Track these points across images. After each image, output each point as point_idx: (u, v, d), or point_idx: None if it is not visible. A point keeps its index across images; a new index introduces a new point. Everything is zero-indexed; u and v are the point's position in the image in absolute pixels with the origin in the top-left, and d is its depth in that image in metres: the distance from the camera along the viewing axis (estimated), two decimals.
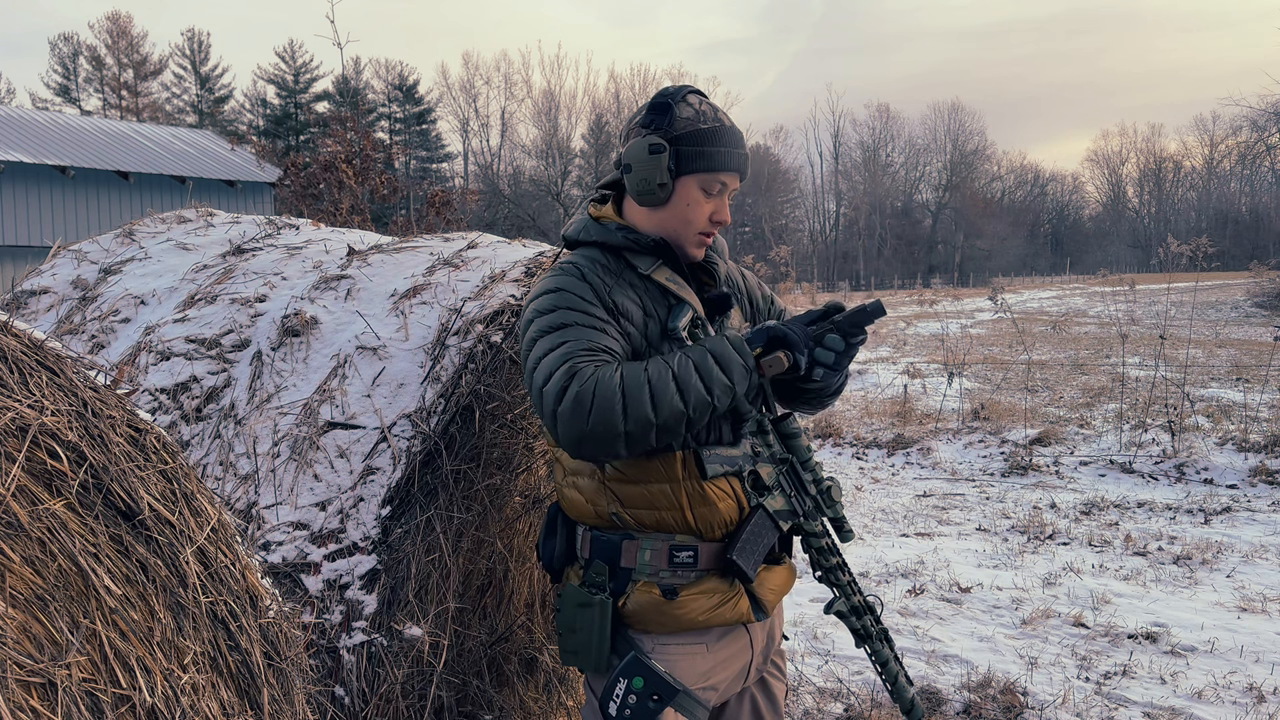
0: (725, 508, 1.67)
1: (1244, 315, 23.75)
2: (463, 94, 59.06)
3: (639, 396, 1.50)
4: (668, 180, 1.69)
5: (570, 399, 1.50)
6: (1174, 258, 9.36)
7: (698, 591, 1.66)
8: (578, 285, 1.67)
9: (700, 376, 1.54)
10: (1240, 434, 7.57)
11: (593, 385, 1.50)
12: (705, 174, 1.70)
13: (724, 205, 1.74)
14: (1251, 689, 3.45)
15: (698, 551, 1.66)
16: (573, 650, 1.70)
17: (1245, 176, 79.61)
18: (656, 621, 1.66)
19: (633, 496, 1.66)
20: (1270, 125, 40.25)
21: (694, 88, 1.76)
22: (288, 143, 49.62)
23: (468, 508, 2.33)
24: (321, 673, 2.05)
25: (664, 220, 1.73)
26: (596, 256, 1.74)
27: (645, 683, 1.63)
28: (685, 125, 1.69)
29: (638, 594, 1.66)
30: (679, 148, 1.69)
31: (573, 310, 1.64)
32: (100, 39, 52.18)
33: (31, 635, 1.22)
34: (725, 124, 1.71)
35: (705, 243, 1.76)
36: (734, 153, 1.71)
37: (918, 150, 76.35)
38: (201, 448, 2.50)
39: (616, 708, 1.63)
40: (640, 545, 1.66)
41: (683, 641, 1.68)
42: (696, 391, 1.53)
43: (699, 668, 1.69)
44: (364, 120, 14.29)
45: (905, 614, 4.28)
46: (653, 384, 1.52)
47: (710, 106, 1.73)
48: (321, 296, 2.78)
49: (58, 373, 1.33)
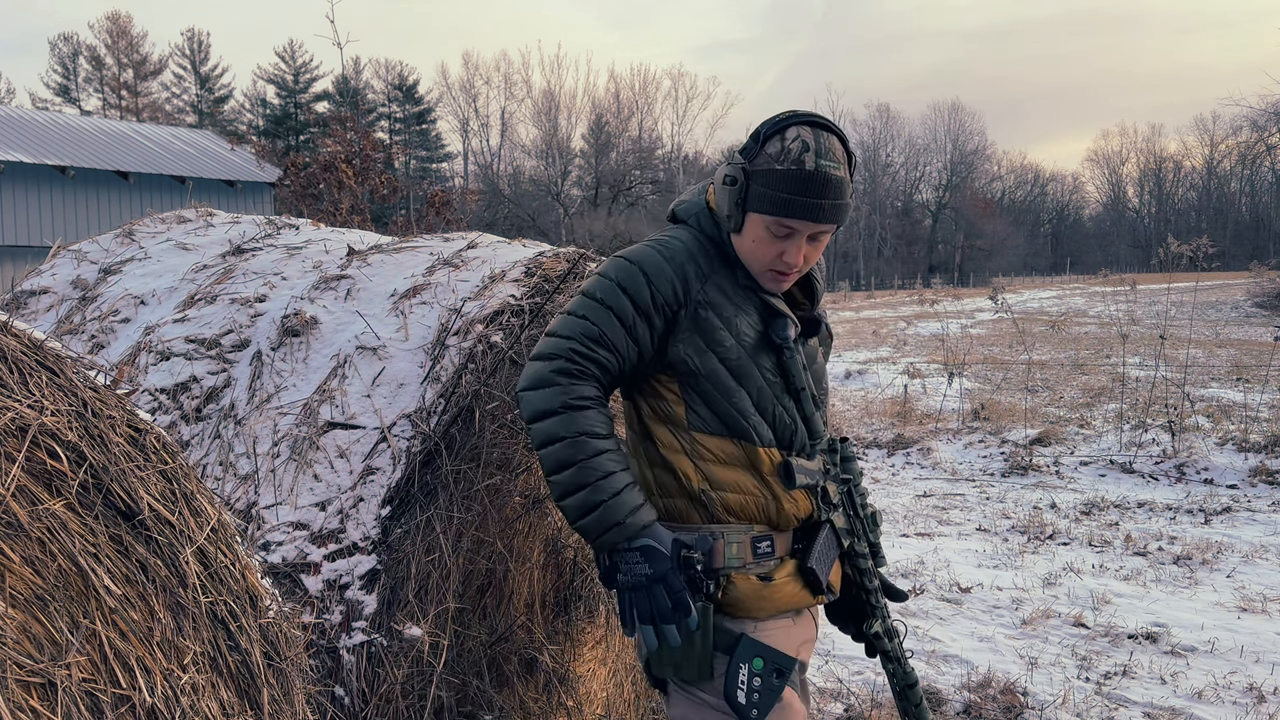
0: (801, 505, 1.76)
1: (1244, 315, 23.75)
2: (463, 94, 59.09)
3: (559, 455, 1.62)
4: (734, 213, 1.69)
5: (538, 375, 1.64)
6: (1174, 258, 9.36)
7: (787, 576, 1.74)
8: (659, 270, 1.69)
9: (591, 506, 1.61)
10: (1240, 434, 7.57)
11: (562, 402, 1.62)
12: (768, 216, 1.65)
13: (794, 249, 1.67)
14: (1251, 689, 3.45)
15: (774, 540, 1.74)
16: (674, 663, 1.68)
17: (1245, 176, 79.63)
18: (757, 606, 1.71)
19: (723, 478, 1.72)
20: (1270, 125, 40.27)
21: (803, 119, 1.66)
22: (288, 143, 49.63)
23: (468, 508, 2.33)
24: (321, 673, 2.05)
25: (739, 246, 1.73)
26: (704, 242, 1.76)
27: (765, 662, 1.67)
28: (764, 162, 1.65)
29: (737, 583, 1.70)
30: (751, 183, 1.66)
31: (624, 294, 1.68)
32: (100, 39, 52.24)
33: (31, 635, 1.22)
34: (807, 168, 1.61)
35: (777, 280, 1.72)
36: (805, 203, 1.62)
37: (918, 150, 76.39)
38: (201, 448, 2.50)
39: (745, 694, 1.65)
40: (725, 542, 1.71)
41: (778, 619, 1.75)
42: (576, 507, 1.62)
43: (794, 640, 1.76)
44: (364, 120, 14.29)
45: (905, 614, 4.28)
46: (577, 467, 1.61)
47: (802, 144, 1.62)
48: (321, 296, 2.78)
49: (58, 373, 1.33)
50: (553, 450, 1.62)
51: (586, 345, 1.65)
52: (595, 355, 1.65)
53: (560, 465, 1.62)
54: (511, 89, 61.10)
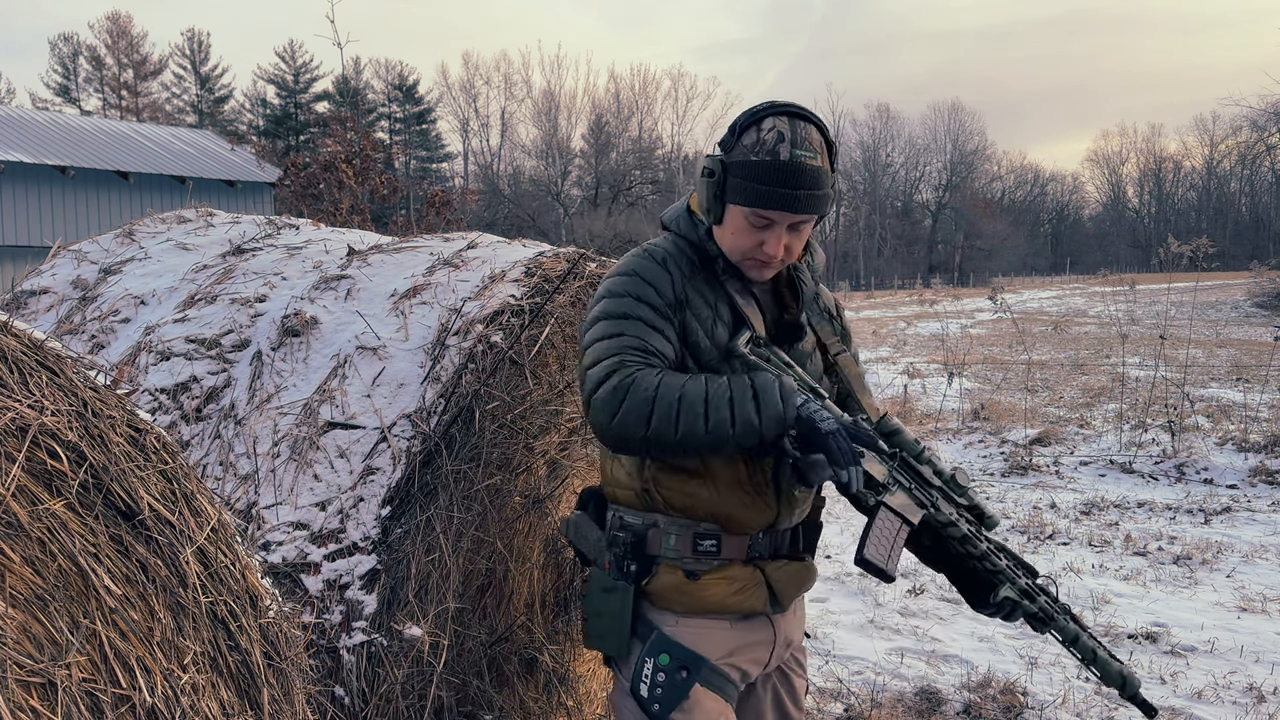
0: (757, 510, 1.72)
1: (1244, 315, 23.75)
2: (463, 94, 59.07)
3: (666, 411, 1.54)
4: (713, 206, 1.69)
5: (607, 390, 1.56)
6: (1174, 258, 9.36)
7: (719, 577, 1.71)
8: (655, 273, 1.70)
9: (733, 410, 1.55)
10: (1240, 434, 7.57)
11: (629, 384, 1.55)
12: (744, 207, 1.65)
13: (773, 240, 1.65)
14: (1251, 689, 3.45)
15: (720, 541, 1.71)
16: (598, 635, 1.74)
17: (1245, 176, 79.61)
18: (678, 600, 1.70)
19: (669, 478, 1.70)
20: (1270, 125, 40.26)
21: (779, 109, 1.65)
22: (288, 143, 49.62)
23: (468, 508, 2.33)
24: (321, 673, 2.05)
25: (720, 237, 1.73)
26: (683, 247, 1.76)
27: (672, 658, 1.67)
28: (740, 153, 1.64)
29: (662, 575, 1.71)
30: (728, 175, 1.66)
31: (640, 302, 1.67)
32: (100, 39, 52.21)
33: (31, 635, 1.22)
34: (782, 159, 1.60)
35: (759, 269, 1.71)
36: (779, 193, 1.61)
37: (918, 150, 76.38)
38: (201, 448, 2.50)
39: (647, 688, 1.67)
40: (664, 532, 1.70)
41: (705, 619, 1.72)
42: (720, 423, 1.54)
43: (723, 644, 1.73)
44: (364, 120, 14.30)
45: (905, 614, 4.28)
46: (682, 402, 1.54)
47: (777, 135, 1.61)
48: (321, 296, 2.78)
49: (58, 373, 1.33)
50: (643, 415, 1.53)
51: (634, 354, 1.61)
52: (649, 360, 1.62)
53: (664, 420, 1.53)
54: (511, 89, 61.05)
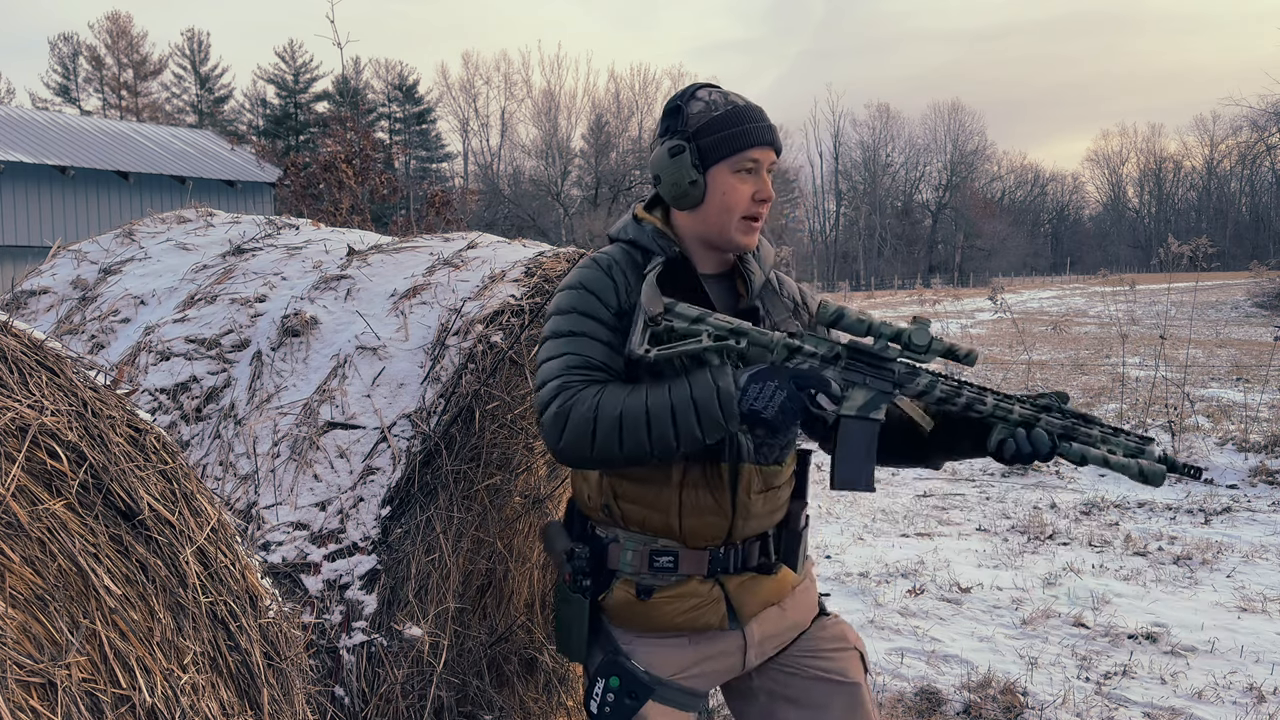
0: (710, 523, 1.69)
1: (1244, 315, 23.75)
2: (463, 94, 59.06)
3: (608, 430, 1.54)
4: (697, 177, 1.68)
5: (550, 415, 1.57)
6: (1174, 258, 9.36)
7: (673, 595, 1.70)
8: (600, 282, 1.69)
9: (675, 424, 1.54)
10: (1240, 434, 7.58)
11: (569, 407, 1.56)
12: (732, 157, 1.67)
13: (764, 182, 1.69)
14: (1251, 689, 3.45)
15: (678, 557, 1.70)
16: (563, 642, 1.78)
17: (1245, 176, 79.60)
18: (630, 620, 1.72)
19: (628, 491, 1.70)
20: (1270, 125, 40.27)
21: (702, 83, 1.74)
22: (288, 143, 49.61)
23: (468, 508, 2.33)
24: (321, 673, 2.05)
25: (706, 217, 1.71)
26: (629, 252, 1.75)
27: (621, 681, 1.69)
28: (699, 119, 1.68)
29: (616, 592, 1.72)
30: (699, 141, 1.67)
31: (585, 317, 1.66)
32: (100, 39, 52.20)
33: (31, 635, 1.22)
34: (740, 104, 1.69)
35: (753, 227, 1.72)
36: (756, 127, 1.68)
37: (918, 150, 76.37)
38: (201, 448, 2.50)
39: (597, 705, 1.70)
40: (623, 547, 1.71)
41: (659, 636, 1.72)
42: (664, 439, 1.54)
43: (680, 661, 1.72)
44: (364, 120, 14.31)
45: (905, 614, 4.28)
46: (623, 420, 1.54)
47: (721, 94, 1.71)
48: (321, 296, 2.78)
49: (58, 373, 1.33)
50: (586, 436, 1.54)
51: (578, 373, 1.61)
52: (591, 376, 1.62)
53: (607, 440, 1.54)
54: (511, 89, 61.08)
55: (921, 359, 1.60)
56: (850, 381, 1.61)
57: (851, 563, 5.05)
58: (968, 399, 1.63)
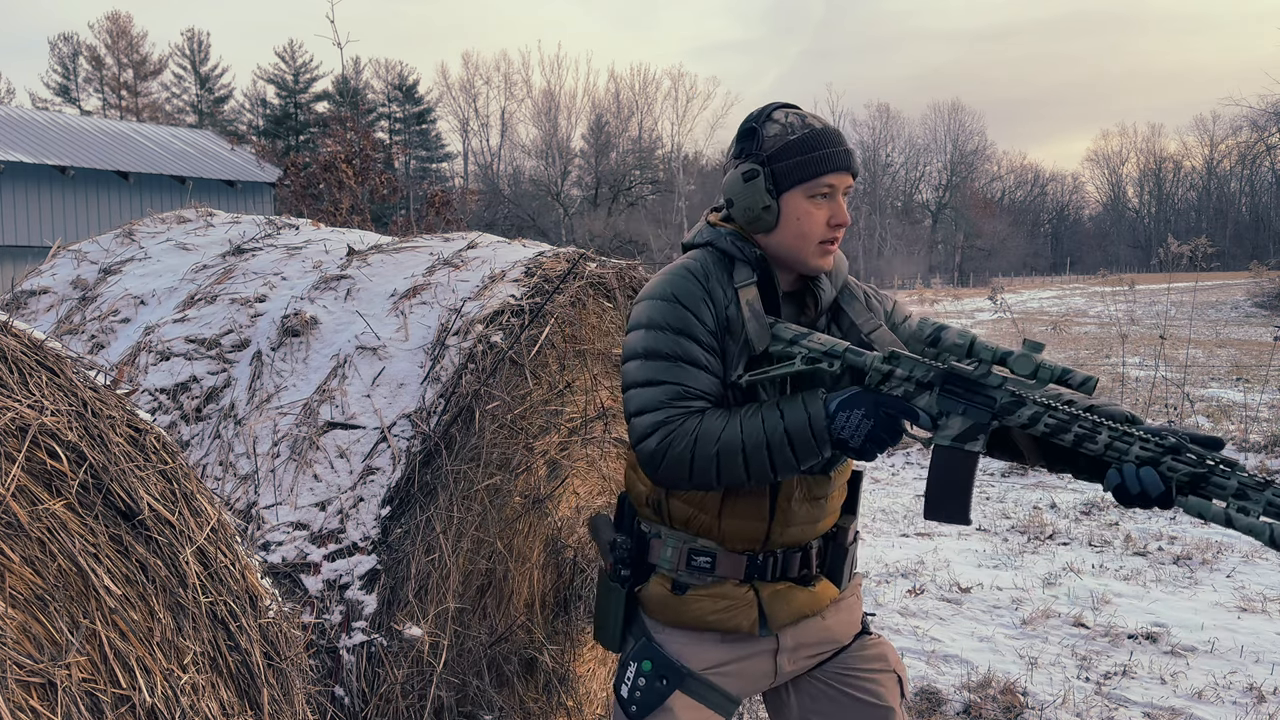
0: (747, 525, 1.70)
1: (1244, 315, 23.75)
2: (463, 94, 59.03)
3: (705, 465, 1.57)
4: (771, 202, 1.65)
5: (650, 448, 1.59)
6: (1174, 258, 9.36)
7: (706, 594, 1.72)
8: (694, 296, 1.65)
9: (770, 458, 1.55)
10: (1240, 434, 7.57)
11: (668, 443, 1.58)
12: (808, 183, 1.64)
13: (840, 207, 1.67)
14: (1251, 689, 3.45)
15: (715, 558, 1.71)
16: (599, 629, 1.83)
17: (1245, 176, 79.57)
18: (662, 612, 1.74)
19: (680, 491, 1.72)
20: (1270, 125, 40.27)
21: (781, 103, 1.71)
22: (288, 143, 49.60)
23: (468, 508, 2.33)
24: (321, 673, 2.05)
25: (780, 241, 1.68)
26: (719, 257, 1.72)
27: (654, 665, 1.71)
28: (774, 142, 1.65)
29: (651, 585, 1.75)
30: (773, 166, 1.65)
31: (681, 335, 1.63)
32: (100, 39, 52.17)
33: (31, 635, 1.22)
34: (817, 127, 1.66)
35: (829, 250, 1.69)
36: (834, 153, 1.64)
37: (918, 150, 76.36)
38: (201, 448, 2.50)
39: (628, 689, 1.72)
40: (664, 543, 1.74)
41: (691, 631, 1.74)
42: (761, 470, 1.57)
43: (711, 656, 1.74)
44: (364, 120, 14.32)
45: (905, 614, 4.28)
46: (721, 457, 1.56)
47: (798, 116, 1.68)
48: (321, 296, 2.78)
49: (58, 373, 1.33)
50: (685, 469, 1.57)
51: (679, 405, 1.60)
52: (690, 407, 1.61)
53: (704, 473, 1.57)
54: (511, 89, 60.98)
55: (1029, 386, 1.50)
56: (946, 409, 1.54)
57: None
58: (1076, 435, 1.47)
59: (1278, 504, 1.36)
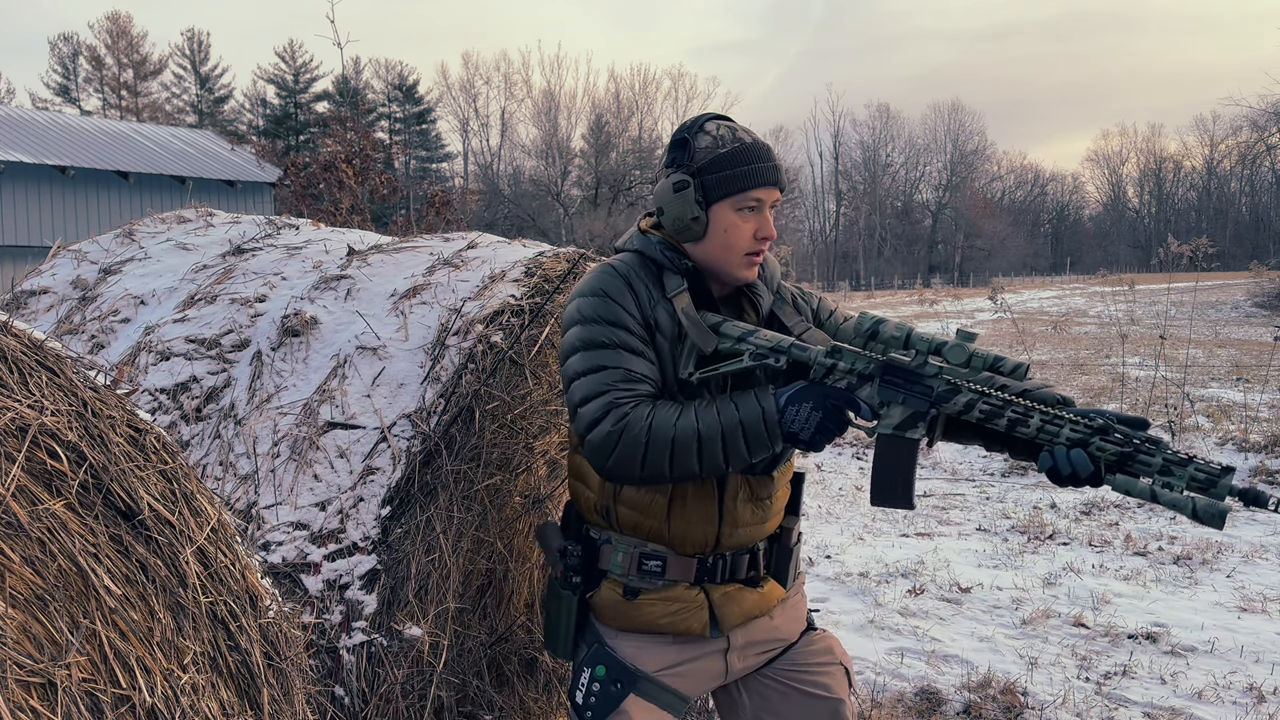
0: (697, 529, 1.72)
1: (1244, 315, 23.75)
2: (463, 94, 59.04)
3: (660, 453, 1.57)
4: (700, 213, 1.68)
5: (601, 435, 1.59)
6: (1174, 258, 9.37)
7: (658, 597, 1.73)
8: (620, 291, 1.68)
9: (725, 449, 1.57)
10: (1240, 434, 7.58)
11: (621, 429, 1.57)
12: (736, 196, 1.68)
13: (766, 221, 1.70)
14: (1251, 689, 3.45)
15: (666, 562, 1.73)
16: (549, 637, 1.82)
17: (1245, 176, 79.60)
18: (614, 617, 1.76)
19: (627, 496, 1.73)
20: (1270, 125, 40.28)
21: (713, 114, 1.74)
22: (288, 143, 49.59)
23: (468, 508, 2.33)
24: (321, 673, 2.05)
25: (707, 251, 1.72)
26: (643, 263, 1.75)
27: (608, 670, 1.72)
28: (705, 154, 1.68)
29: (603, 590, 1.76)
30: (703, 178, 1.68)
31: (615, 327, 1.65)
32: (100, 39, 52.19)
33: (31, 635, 1.22)
34: (746, 141, 1.69)
35: (755, 262, 1.73)
36: (760, 168, 1.68)
37: (918, 150, 76.35)
38: (201, 448, 2.50)
39: (582, 696, 1.73)
40: (614, 549, 1.75)
41: (643, 635, 1.76)
42: (714, 461, 1.58)
43: (663, 658, 1.75)
44: (364, 120, 14.32)
45: (905, 614, 4.28)
46: (675, 444, 1.57)
47: (729, 129, 1.71)
48: (321, 296, 2.78)
49: (58, 373, 1.33)
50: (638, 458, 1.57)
51: (623, 388, 1.61)
52: (636, 390, 1.62)
53: (658, 462, 1.57)
54: (511, 89, 61.00)
55: (963, 374, 1.55)
56: (886, 399, 1.59)
57: (851, 563, 5.05)
58: (1010, 419, 1.51)
59: (1200, 479, 1.41)
